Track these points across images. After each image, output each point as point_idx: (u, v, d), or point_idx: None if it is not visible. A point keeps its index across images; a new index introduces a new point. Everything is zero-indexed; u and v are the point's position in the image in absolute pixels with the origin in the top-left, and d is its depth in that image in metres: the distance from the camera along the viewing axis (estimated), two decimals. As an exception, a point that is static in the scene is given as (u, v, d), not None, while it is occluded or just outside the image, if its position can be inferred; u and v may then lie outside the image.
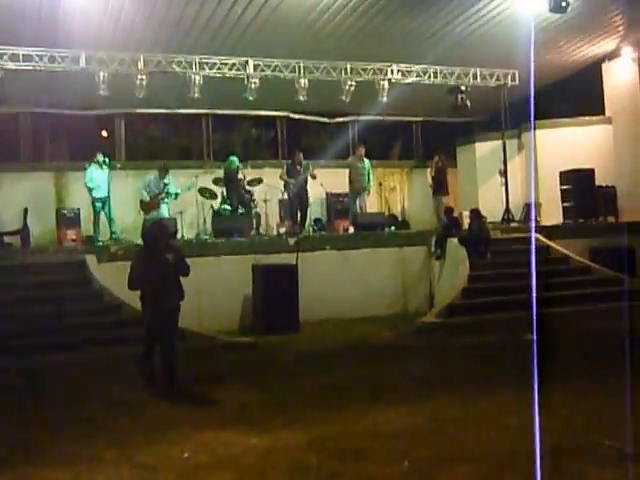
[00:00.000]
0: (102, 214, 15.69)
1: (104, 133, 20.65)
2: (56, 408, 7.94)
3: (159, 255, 8.49)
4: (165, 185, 16.01)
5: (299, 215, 16.80)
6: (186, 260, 8.78)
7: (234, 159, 16.89)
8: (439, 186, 17.83)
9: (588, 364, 9.07)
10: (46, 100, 18.11)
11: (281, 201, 17.80)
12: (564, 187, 17.79)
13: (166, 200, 16.08)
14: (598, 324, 11.78)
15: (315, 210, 18.76)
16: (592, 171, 17.77)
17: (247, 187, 17.12)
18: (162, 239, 8.79)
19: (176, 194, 16.14)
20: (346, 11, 14.88)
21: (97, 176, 15.50)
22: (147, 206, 16.01)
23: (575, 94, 19.66)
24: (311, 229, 17.81)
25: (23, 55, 14.56)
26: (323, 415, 7.28)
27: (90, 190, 15.54)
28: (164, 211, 16.10)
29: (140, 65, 15.35)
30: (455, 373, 9.10)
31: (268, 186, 17.68)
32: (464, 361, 9.87)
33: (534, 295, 12.89)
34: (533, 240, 15.71)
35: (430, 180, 17.91)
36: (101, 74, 14.95)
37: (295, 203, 16.81)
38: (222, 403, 7.98)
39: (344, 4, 14.55)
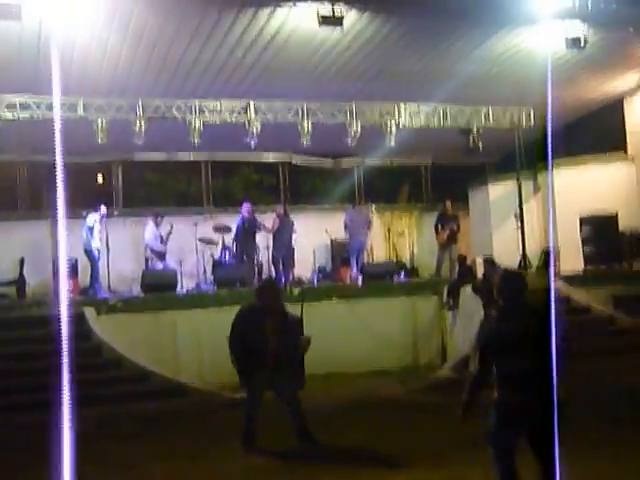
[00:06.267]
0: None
1: (100, 180, 21.04)
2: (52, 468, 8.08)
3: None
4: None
5: (281, 263, 17.10)
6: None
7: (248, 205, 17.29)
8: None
9: (614, 427, 8.62)
10: (43, 148, 18.40)
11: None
12: (585, 232, 17.79)
13: None
14: (624, 380, 11.21)
15: (319, 258, 18.92)
16: (615, 215, 17.81)
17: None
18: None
19: None
20: (351, 52, 15.04)
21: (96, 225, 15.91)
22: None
23: (595, 133, 19.58)
24: (314, 278, 17.99)
25: (20, 103, 14.94)
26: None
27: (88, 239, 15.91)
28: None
29: (139, 111, 15.65)
30: (474, 434, 9.07)
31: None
32: (483, 420, 9.81)
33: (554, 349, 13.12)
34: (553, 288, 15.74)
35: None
36: (99, 121, 15.30)
37: (279, 251, 17.16)
38: (225, 465, 8.05)
39: (348, 45, 14.69)
